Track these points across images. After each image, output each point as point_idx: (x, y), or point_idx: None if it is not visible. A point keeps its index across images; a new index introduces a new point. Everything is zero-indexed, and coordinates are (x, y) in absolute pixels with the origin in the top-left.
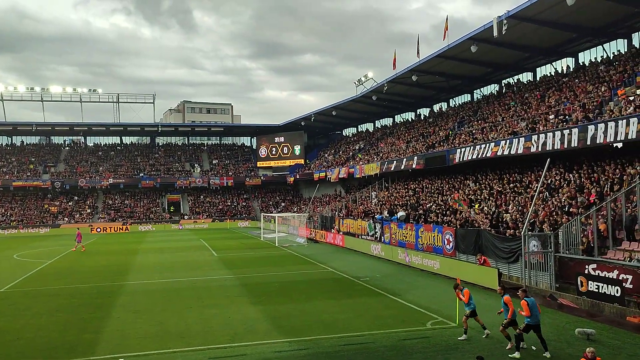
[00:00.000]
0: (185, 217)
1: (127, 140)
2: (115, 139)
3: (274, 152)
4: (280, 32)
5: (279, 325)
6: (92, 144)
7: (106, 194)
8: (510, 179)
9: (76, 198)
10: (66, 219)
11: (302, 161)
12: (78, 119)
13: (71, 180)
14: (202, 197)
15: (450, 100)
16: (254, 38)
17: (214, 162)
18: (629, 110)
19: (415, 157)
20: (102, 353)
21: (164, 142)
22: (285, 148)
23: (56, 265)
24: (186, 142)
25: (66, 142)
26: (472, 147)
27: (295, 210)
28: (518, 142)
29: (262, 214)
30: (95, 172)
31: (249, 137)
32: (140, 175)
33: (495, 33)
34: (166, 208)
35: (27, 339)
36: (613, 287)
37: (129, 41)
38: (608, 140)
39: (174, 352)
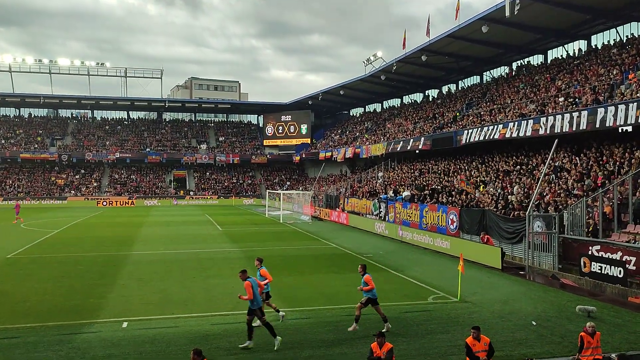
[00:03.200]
0: (191, 193)
1: (134, 115)
2: (123, 114)
3: (280, 131)
4: (287, 11)
5: (282, 296)
6: (99, 118)
7: (112, 168)
8: (517, 160)
9: (83, 171)
10: (73, 191)
11: (308, 140)
12: (85, 93)
13: (78, 153)
14: (208, 173)
15: (459, 81)
16: (260, 17)
17: (220, 139)
18: (639, 94)
19: (422, 138)
20: (106, 317)
21: (171, 118)
22: (292, 127)
23: (62, 235)
24: (193, 119)
25: (73, 115)
26: (479, 129)
27: (300, 189)
28: (526, 124)
29: (268, 191)
30: (102, 146)
31: (256, 115)
32: (147, 150)
33: (507, 13)
34: (172, 184)
35: (33, 302)
36: (616, 268)
37: (136, 17)
38: (618, 123)
39: (176, 318)
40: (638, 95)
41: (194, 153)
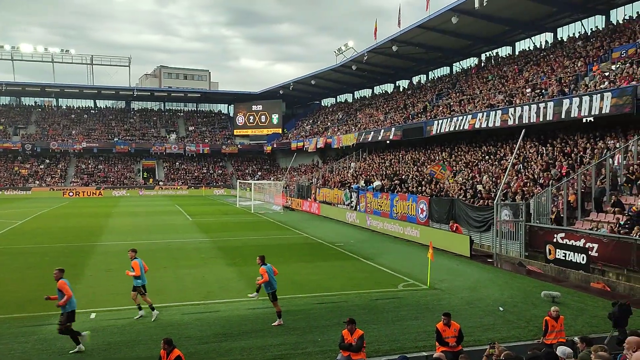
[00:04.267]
0: (160, 183)
1: (101, 103)
2: (89, 102)
3: (251, 121)
4: (256, 0)
5: (253, 285)
6: (64, 107)
7: (79, 157)
8: (486, 150)
9: (48, 161)
10: (37, 182)
11: (279, 130)
12: (50, 80)
13: (42, 142)
14: (177, 163)
15: (430, 72)
16: (230, 6)
17: (190, 128)
18: (603, 86)
19: (393, 129)
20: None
21: (140, 107)
22: (263, 117)
23: (27, 226)
24: (162, 108)
25: (37, 104)
26: (449, 119)
27: (271, 179)
28: (495, 115)
29: (239, 181)
30: (67, 136)
31: (226, 105)
32: (115, 139)
33: (476, 4)
34: (141, 174)
35: None
36: (579, 254)
37: (102, 3)
38: (582, 114)
39: (146, 308)
40: (601, 87)
41: (163, 143)
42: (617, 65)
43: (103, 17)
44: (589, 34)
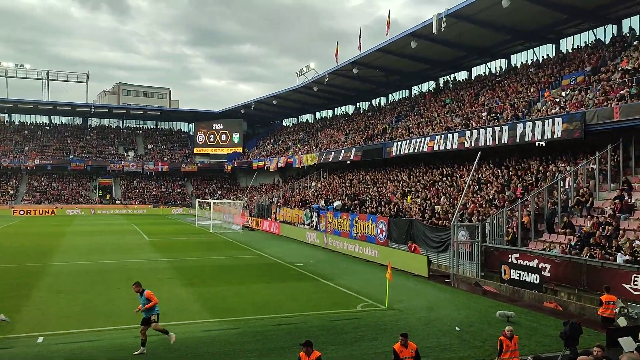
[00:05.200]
0: (117, 202)
1: (56, 120)
2: (44, 118)
3: (211, 139)
4: (218, 20)
5: (210, 306)
6: (17, 122)
7: (31, 175)
8: (443, 172)
9: None
10: None
11: (240, 149)
12: (2, 95)
13: None
14: (135, 182)
15: (389, 95)
16: (191, 25)
17: (149, 146)
18: (554, 111)
19: (354, 149)
20: (19, 331)
21: (97, 124)
22: (224, 135)
23: None
24: (120, 125)
25: None
26: (408, 141)
27: (231, 198)
28: (452, 138)
29: (198, 200)
30: (20, 152)
31: (187, 123)
32: (70, 157)
33: (434, 30)
34: (97, 192)
35: None
36: (533, 274)
37: (59, 19)
38: (535, 138)
39: (98, 331)
40: (552, 112)
41: (121, 161)
42: (567, 92)
43: (60, 33)
44: (540, 61)
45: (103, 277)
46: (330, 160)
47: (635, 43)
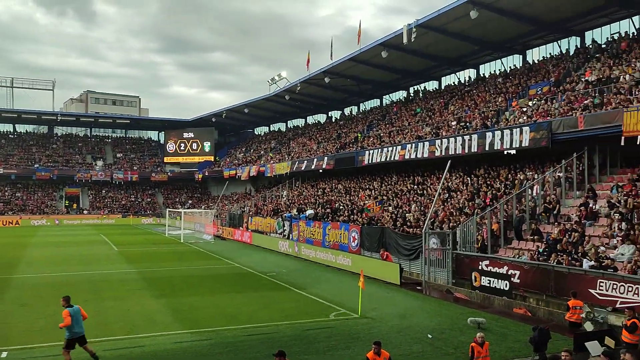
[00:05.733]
0: (85, 212)
1: (21, 128)
2: (8, 127)
3: (182, 148)
4: (188, 28)
5: (181, 318)
6: None
7: None
8: (414, 180)
9: None
10: None
11: (211, 158)
12: None
13: None
14: (104, 191)
15: (361, 104)
16: (161, 33)
17: (118, 155)
18: (521, 120)
19: (326, 158)
20: None
21: (64, 133)
22: (195, 144)
23: None
24: (88, 134)
25: None
26: (380, 150)
27: (202, 207)
28: (423, 146)
29: (168, 210)
30: None
31: (157, 132)
32: (35, 166)
33: (404, 40)
34: (64, 202)
35: None
36: (502, 281)
37: (24, 25)
38: (504, 146)
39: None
40: (520, 121)
41: (88, 170)
42: (534, 102)
43: (25, 39)
44: (508, 71)
45: (69, 290)
46: (302, 169)
47: (597, 55)
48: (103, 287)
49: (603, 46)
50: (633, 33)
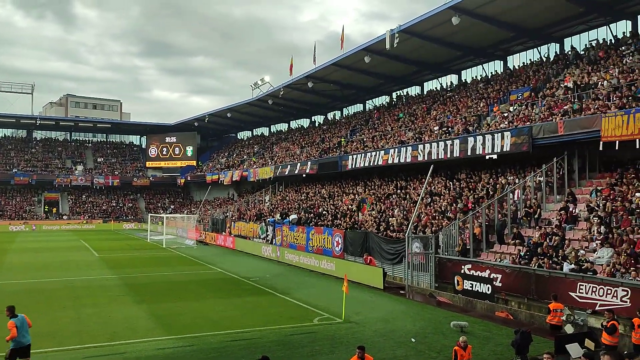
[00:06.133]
0: (65, 217)
1: None
2: None
3: (164, 153)
4: (170, 32)
5: (164, 324)
6: None
7: None
8: (397, 185)
9: None
10: None
11: (194, 163)
12: None
13: None
14: (84, 196)
15: (344, 109)
16: (142, 36)
17: (99, 160)
18: (502, 125)
19: (309, 162)
20: None
21: (43, 137)
22: (177, 149)
23: None
24: (68, 138)
25: None
26: (363, 155)
27: (185, 212)
28: (406, 151)
29: (150, 215)
30: None
31: (139, 136)
32: (14, 170)
33: (387, 45)
34: (43, 207)
35: None
36: (485, 285)
37: (2, 28)
38: (486, 151)
39: (43, 352)
40: (501, 126)
41: (68, 174)
42: (515, 107)
43: (3, 42)
44: (489, 77)
45: (47, 296)
46: (286, 173)
47: (576, 61)
48: (83, 293)
49: (582, 53)
50: (610, 40)
